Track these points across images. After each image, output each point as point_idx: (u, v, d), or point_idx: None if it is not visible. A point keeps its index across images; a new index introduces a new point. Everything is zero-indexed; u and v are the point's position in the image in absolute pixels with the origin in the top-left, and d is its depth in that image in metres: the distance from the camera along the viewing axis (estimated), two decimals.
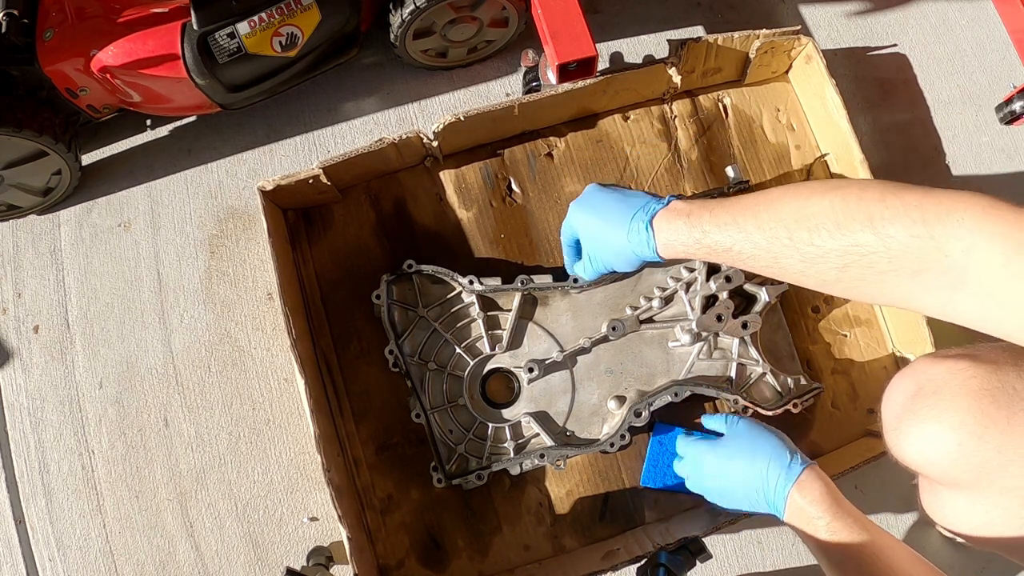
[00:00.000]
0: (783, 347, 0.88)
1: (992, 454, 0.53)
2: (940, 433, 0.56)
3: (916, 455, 0.58)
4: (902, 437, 0.59)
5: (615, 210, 0.70)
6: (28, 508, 0.88)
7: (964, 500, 0.58)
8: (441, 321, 0.85)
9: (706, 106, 0.96)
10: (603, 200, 0.72)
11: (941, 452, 0.56)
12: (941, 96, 1.04)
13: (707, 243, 0.61)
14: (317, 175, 0.82)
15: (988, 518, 0.56)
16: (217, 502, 0.88)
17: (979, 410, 0.54)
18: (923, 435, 0.57)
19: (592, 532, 0.86)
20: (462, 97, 1.00)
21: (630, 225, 0.68)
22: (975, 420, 0.54)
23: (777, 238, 0.55)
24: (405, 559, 0.85)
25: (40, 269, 0.94)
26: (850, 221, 0.51)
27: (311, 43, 0.84)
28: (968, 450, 0.54)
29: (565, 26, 0.83)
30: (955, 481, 0.57)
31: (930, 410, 0.57)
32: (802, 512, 0.66)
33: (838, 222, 0.51)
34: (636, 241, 0.67)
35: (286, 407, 0.90)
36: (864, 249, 0.50)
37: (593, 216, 0.72)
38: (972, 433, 0.54)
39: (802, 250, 0.54)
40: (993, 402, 0.54)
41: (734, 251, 0.59)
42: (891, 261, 0.49)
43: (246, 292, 0.93)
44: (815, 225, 0.52)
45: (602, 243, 0.72)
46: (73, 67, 0.81)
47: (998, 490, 0.55)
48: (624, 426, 0.82)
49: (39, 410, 0.91)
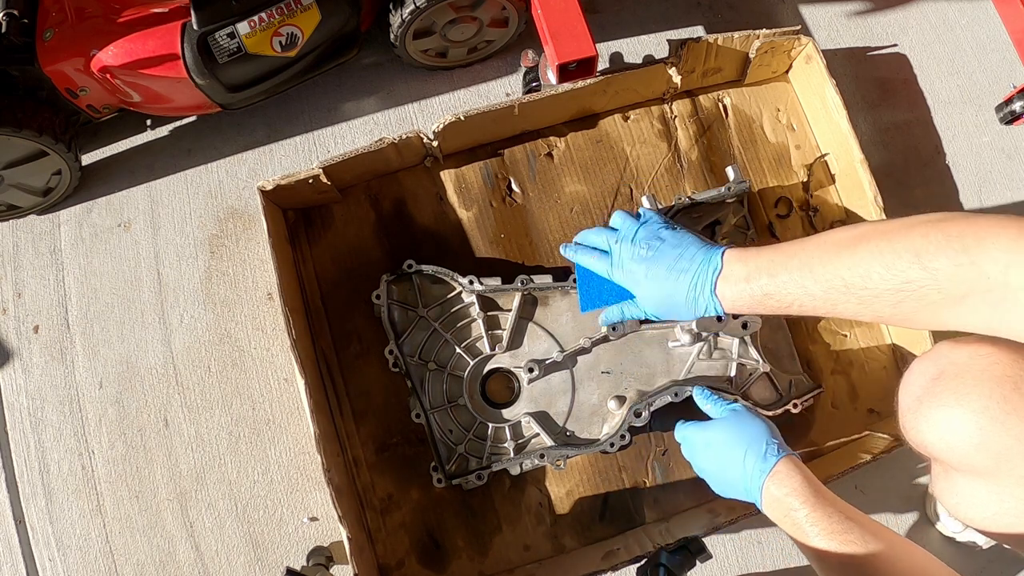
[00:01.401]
0: (783, 347, 0.88)
1: (1012, 441, 0.54)
2: (962, 416, 0.56)
3: (936, 439, 0.59)
4: (922, 420, 0.59)
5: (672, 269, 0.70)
6: (28, 508, 0.88)
7: (981, 488, 0.58)
8: (441, 321, 0.85)
9: (706, 106, 0.96)
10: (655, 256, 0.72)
11: (962, 436, 0.56)
12: (941, 96, 1.04)
13: (770, 304, 0.64)
14: (317, 175, 0.82)
15: (1003, 507, 0.56)
16: (217, 502, 0.88)
17: (1002, 396, 0.55)
18: (945, 418, 0.58)
19: (592, 532, 0.86)
20: (462, 97, 1.00)
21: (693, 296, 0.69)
22: (998, 406, 0.54)
23: (834, 288, 0.58)
24: (405, 559, 0.85)
25: (40, 269, 0.94)
26: (898, 261, 0.53)
27: (311, 43, 0.84)
28: (989, 436, 0.55)
29: (565, 26, 0.83)
30: (973, 467, 0.57)
31: (952, 394, 0.58)
32: (779, 503, 0.67)
33: (887, 264, 0.54)
34: (702, 309, 0.69)
35: (286, 407, 0.90)
36: (914, 284, 0.53)
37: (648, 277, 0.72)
38: (994, 419, 0.54)
39: (858, 295, 0.56)
40: (1016, 389, 0.54)
41: (795, 305, 0.62)
42: (940, 291, 0.52)
43: (246, 292, 0.93)
44: (867, 272, 0.55)
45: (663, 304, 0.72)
46: (73, 67, 0.81)
47: (1016, 479, 0.55)
48: (624, 426, 0.82)
49: (39, 410, 0.91)
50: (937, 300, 0.52)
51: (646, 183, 0.94)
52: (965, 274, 0.50)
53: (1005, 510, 0.56)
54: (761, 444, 0.70)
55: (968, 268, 0.50)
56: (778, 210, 0.94)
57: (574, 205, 0.93)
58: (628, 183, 0.94)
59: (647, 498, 0.87)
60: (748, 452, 0.70)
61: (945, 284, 0.51)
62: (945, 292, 0.51)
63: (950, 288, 0.51)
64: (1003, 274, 0.48)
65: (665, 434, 0.87)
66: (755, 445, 0.70)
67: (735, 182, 0.87)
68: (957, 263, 0.50)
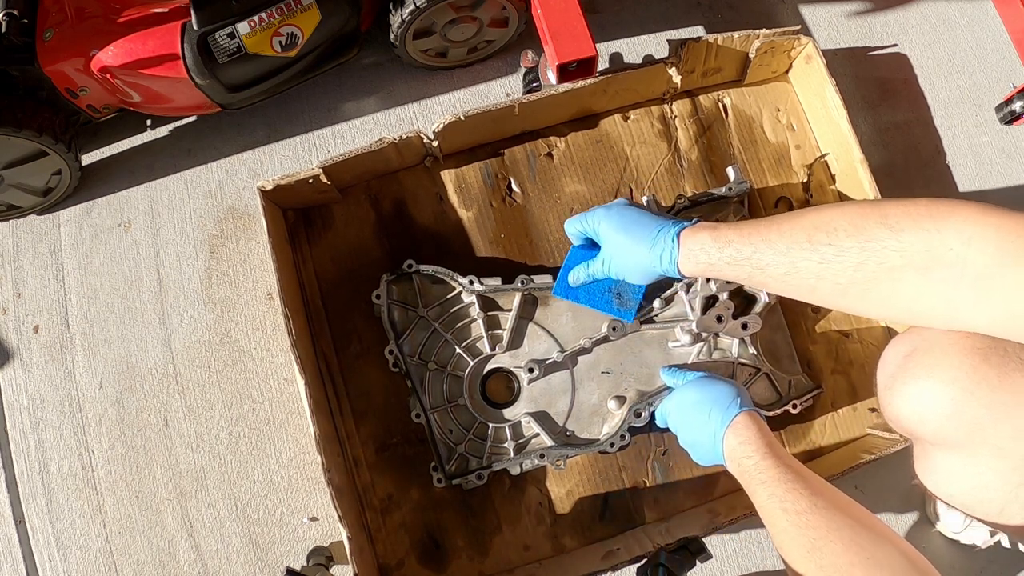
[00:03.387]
0: (782, 348, 0.88)
1: (983, 411, 0.54)
2: (932, 388, 0.57)
3: (909, 412, 0.59)
4: (896, 395, 0.60)
5: (642, 223, 0.72)
6: (28, 508, 0.88)
7: (957, 461, 0.58)
8: (441, 321, 0.85)
9: (706, 106, 0.96)
10: (632, 213, 0.74)
11: (934, 408, 0.57)
12: (941, 96, 1.04)
13: (729, 252, 0.64)
14: (317, 175, 0.82)
15: (981, 480, 0.57)
16: (217, 502, 0.88)
17: (970, 366, 0.55)
18: (917, 391, 0.58)
19: (592, 532, 0.86)
20: (462, 97, 1.00)
21: (655, 237, 0.70)
22: (966, 376, 0.55)
23: (796, 242, 0.59)
24: (405, 559, 0.85)
25: (40, 269, 0.94)
26: (865, 220, 0.55)
27: (311, 43, 0.84)
28: (961, 406, 0.55)
29: (565, 26, 0.83)
30: (947, 439, 0.58)
31: (923, 367, 0.58)
32: (733, 454, 0.68)
33: (855, 223, 0.55)
34: (658, 253, 0.69)
35: (286, 407, 0.90)
36: (878, 245, 0.53)
37: (619, 223, 0.74)
38: (964, 388, 0.55)
39: (820, 251, 0.57)
40: (985, 360, 0.55)
41: (754, 260, 0.62)
42: (903, 255, 0.52)
43: (246, 292, 0.93)
44: (833, 228, 0.56)
45: (622, 252, 0.73)
46: (73, 67, 0.81)
47: (990, 450, 0.55)
48: (624, 426, 0.82)
49: (39, 410, 0.91)
50: (897, 265, 0.53)
51: (646, 183, 0.94)
52: (929, 241, 0.51)
53: (983, 483, 0.57)
54: (726, 401, 0.71)
55: (933, 235, 0.51)
56: (778, 210, 0.94)
57: (574, 205, 0.93)
58: (628, 183, 0.94)
59: (647, 498, 0.87)
60: (713, 409, 0.71)
61: (908, 247, 0.52)
62: (907, 257, 0.52)
63: (912, 253, 0.52)
64: (965, 247, 0.49)
65: (665, 434, 0.87)
66: (720, 402, 0.72)
67: (735, 182, 0.87)
68: (923, 227, 0.51)
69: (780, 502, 0.62)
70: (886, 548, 0.57)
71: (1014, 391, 0.53)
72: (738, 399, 0.71)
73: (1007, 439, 0.54)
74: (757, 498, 0.65)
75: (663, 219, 0.72)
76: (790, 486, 0.62)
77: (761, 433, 0.68)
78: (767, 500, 0.63)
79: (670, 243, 0.68)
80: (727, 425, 0.69)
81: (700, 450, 0.74)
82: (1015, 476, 0.55)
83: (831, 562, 0.57)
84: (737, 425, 0.69)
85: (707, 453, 0.73)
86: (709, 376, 0.78)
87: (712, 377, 0.77)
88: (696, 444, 0.74)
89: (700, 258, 0.67)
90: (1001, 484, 0.56)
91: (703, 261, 0.66)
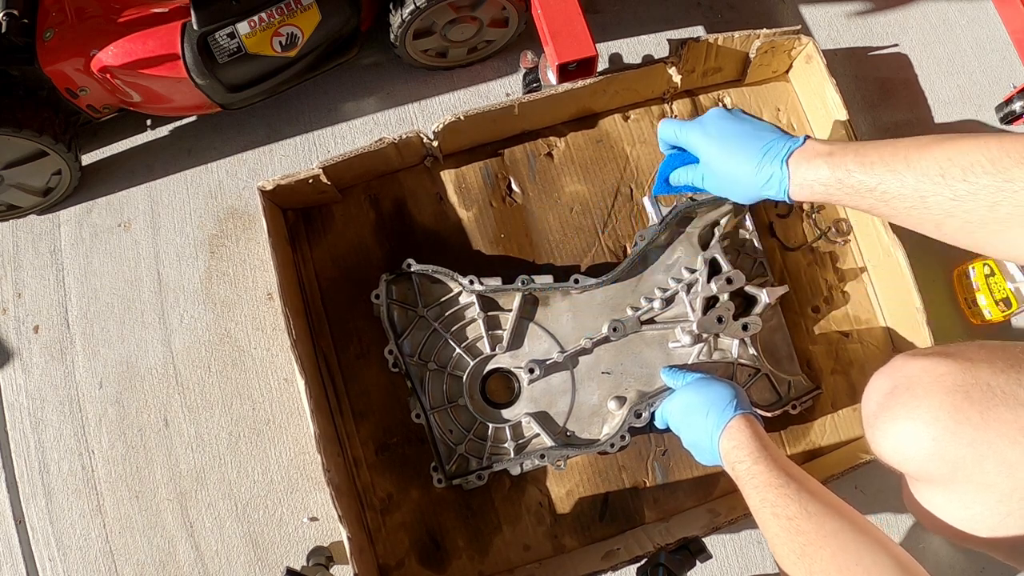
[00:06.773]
0: (782, 348, 0.88)
1: (966, 450, 0.53)
2: (914, 429, 0.56)
3: (891, 451, 0.59)
4: (878, 434, 0.60)
5: (746, 141, 0.67)
6: (28, 508, 0.88)
7: (941, 496, 0.58)
8: (441, 321, 0.85)
9: (706, 106, 0.96)
10: (733, 126, 0.69)
11: (915, 448, 0.56)
12: (941, 96, 1.04)
13: (851, 183, 0.60)
14: (317, 175, 0.82)
15: (968, 513, 0.56)
16: (217, 502, 0.88)
17: (952, 406, 0.54)
18: (898, 432, 0.57)
19: (592, 532, 0.86)
20: (462, 97, 1.00)
21: (761, 160, 0.65)
22: (948, 416, 0.54)
23: (928, 175, 0.55)
24: (405, 559, 0.85)
25: (40, 269, 0.94)
26: (1005, 158, 0.51)
27: (311, 43, 0.84)
28: (942, 446, 0.54)
29: (565, 26, 0.83)
30: (931, 476, 0.57)
31: (903, 407, 0.57)
32: (728, 457, 0.68)
33: (993, 159, 0.52)
34: (766, 177, 0.65)
35: (286, 407, 0.90)
36: (1017, 186, 0.50)
37: (720, 140, 0.69)
38: (945, 428, 0.54)
39: (954, 187, 0.53)
40: (966, 398, 0.54)
41: (878, 191, 0.58)
42: None
43: (246, 292, 0.93)
44: (970, 163, 0.53)
45: (724, 171, 0.69)
46: (73, 67, 0.81)
47: (975, 487, 0.54)
48: (624, 427, 0.82)
49: (39, 410, 0.91)
50: None
51: (646, 183, 0.94)
52: None
53: (971, 516, 0.56)
54: (723, 402, 0.71)
55: None
56: (778, 210, 0.94)
57: (574, 205, 0.93)
58: (628, 183, 0.94)
59: (647, 498, 0.87)
60: (710, 411, 0.71)
61: None
62: None
63: None
64: None
65: (665, 434, 0.87)
66: (717, 403, 0.71)
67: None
68: None
69: (771, 507, 0.62)
70: (877, 553, 0.56)
71: (998, 427, 0.52)
72: (734, 401, 0.71)
73: (992, 474, 0.53)
74: (750, 501, 0.65)
75: (767, 132, 0.67)
76: (781, 491, 0.62)
77: (755, 436, 0.68)
78: (759, 504, 0.64)
79: (779, 168, 0.64)
80: (722, 428, 0.70)
81: (701, 451, 0.75)
82: (1002, 507, 0.53)
83: (821, 567, 0.57)
84: (732, 428, 0.69)
85: (707, 455, 0.73)
86: (708, 378, 0.78)
87: (711, 379, 0.77)
88: (696, 445, 0.75)
89: (816, 188, 0.62)
90: (988, 516, 0.55)
91: (819, 192, 0.62)
